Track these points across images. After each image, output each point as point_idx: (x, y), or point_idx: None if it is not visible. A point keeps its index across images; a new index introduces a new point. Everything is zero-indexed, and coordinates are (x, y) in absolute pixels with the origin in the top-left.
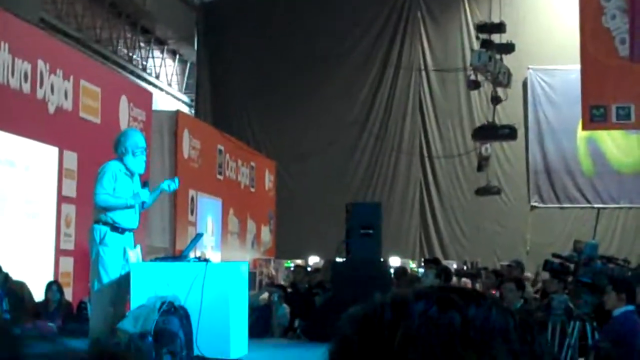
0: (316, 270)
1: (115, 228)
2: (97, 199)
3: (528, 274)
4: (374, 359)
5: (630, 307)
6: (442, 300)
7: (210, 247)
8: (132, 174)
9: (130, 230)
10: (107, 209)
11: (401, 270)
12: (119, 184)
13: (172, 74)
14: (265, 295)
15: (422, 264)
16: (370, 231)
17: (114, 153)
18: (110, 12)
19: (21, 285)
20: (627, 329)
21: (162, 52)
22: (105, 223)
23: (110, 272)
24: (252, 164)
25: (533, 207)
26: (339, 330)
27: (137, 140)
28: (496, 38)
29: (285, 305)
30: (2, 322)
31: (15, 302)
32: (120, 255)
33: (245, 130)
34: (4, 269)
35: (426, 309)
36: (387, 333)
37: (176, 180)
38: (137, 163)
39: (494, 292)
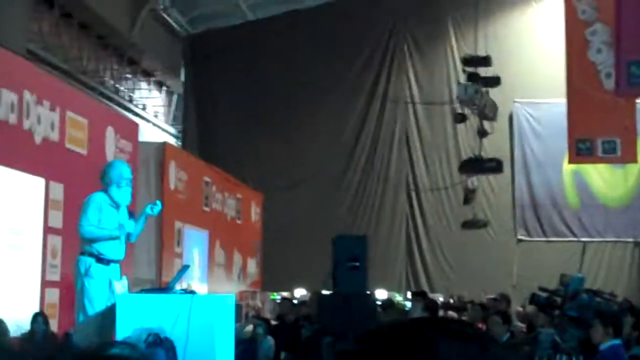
0: (302, 302)
1: (100, 259)
2: (81, 231)
3: (519, 307)
4: None
5: (617, 342)
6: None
7: (196, 279)
8: (117, 206)
9: (116, 261)
10: (92, 241)
11: (388, 303)
12: (104, 216)
13: (158, 106)
14: (250, 327)
15: (409, 296)
16: (357, 264)
17: (101, 184)
18: (97, 43)
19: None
20: None
21: (148, 84)
22: (91, 254)
23: (95, 304)
24: (239, 195)
25: (519, 241)
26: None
27: (122, 171)
28: (482, 71)
29: (269, 337)
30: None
31: None
32: (106, 287)
33: (232, 161)
34: None
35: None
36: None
37: (158, 203)
38: (122, 194)
39: (480, 325)
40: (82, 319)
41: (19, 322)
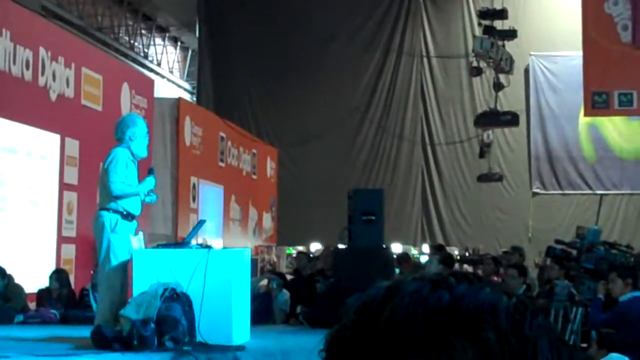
0: (317, 257)
1: (125, 216)
2: (113, 187)
3: (535, 260)
4: (364, 340)
5: (637, 293)
6: (435, 280)
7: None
8: (135, 160)
9: (136, 217)
10: (120, 197)
11: (404, 257)
12: (129, 171)
13: (173, 62)
14: (264, 281)
15: (424, 250)
16: (373, 218)
17: (116, 139)
18: None
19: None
20: (634, 314)
21: (163, 40)
22: (116, 211)
23: (121, 260)
24: (254, 151)
25: (535, 194)
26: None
27: (143, 125)
28: (498, 24)
29: (285, 291)
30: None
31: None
32: (129, 242)
33: (247, 116)
34: (8, 272)
35: (418, 288)
36: (376, 313)
37: (154, 196)
38: (142, 148)
39: (495, 278)
40: (108, 274)
41: (36, 278)
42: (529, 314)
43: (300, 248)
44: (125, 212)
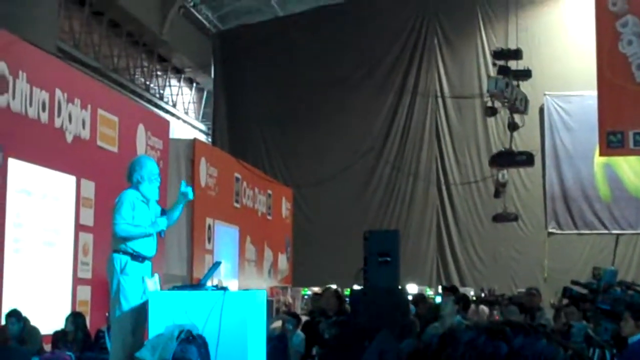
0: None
1: (135, 257)
2: (117, 229)
3: (551, 301)
4: None
5: None
6: (491, 330)
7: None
8: (147, 201)
9: (149, 258)
10: (127, 239)
11: (420, 297)
12: (137, 213)
13: (189, 102)
14: (279, 323)
15: (440, 291)
16: (388, 259)
17: (128, 182)
18: (127, 41)
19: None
20: None
21: (179, 81)
22: (125, 252)
23: (131, 301)
24: (269, 191)
25: (550, 234)
26: None
27: (151, 167)
28: (513, 64)
29: (300, 332)
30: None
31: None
32: (140, 284)
33: (262, 157)
34: (23, 314)
35: (474, 338)
36: None
37: (190, 190)
38: (153, 190)
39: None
40: (119, 317)
41: (51, 319)
42: None
43: (316, 289)
44: (135, 253)
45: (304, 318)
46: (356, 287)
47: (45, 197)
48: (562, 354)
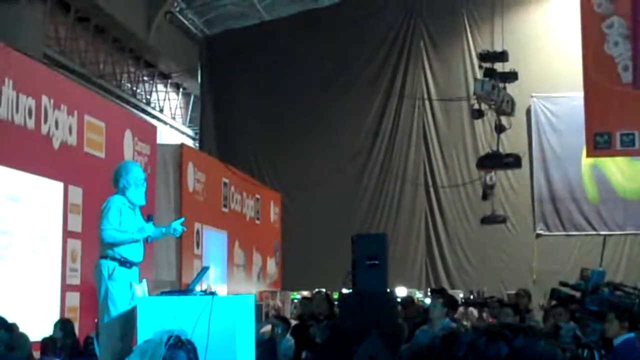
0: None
1: (123, 263)
2: (103, 235)
3: (539, 302)
4: None
5: (631, 335)
6: (490, 332)
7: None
8: (134, 207)
9: (136, 264)
10: (114, 245)
11: (409, 300)
12: (124, 218)
13: (176, 108)
14: (268, 327)
15: (429, 294)
16: (376, 262)
17: (114, 187)
18: (113, 47)
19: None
20: (628, 358)
21: (165, 86)
22: (113, 258)
23: (119, 307)
24: (257, 196)
25: (539, 235)
26: None
27: (137, 172)
28: (499, 67)
29: (289, 337)
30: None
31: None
32: (128, 290)
33: (250, 161)
34: (10, 320)
35: (474, 339)
36: None
37: (181, 228)
38: (139, 195)
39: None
40: (107, 323)
41: (40, 326)
42: None
43: (305, 293)
44: (122, 259)
45: (293, 322)
46: (345, 290)
47: (33, 204)
48: (561, 355)
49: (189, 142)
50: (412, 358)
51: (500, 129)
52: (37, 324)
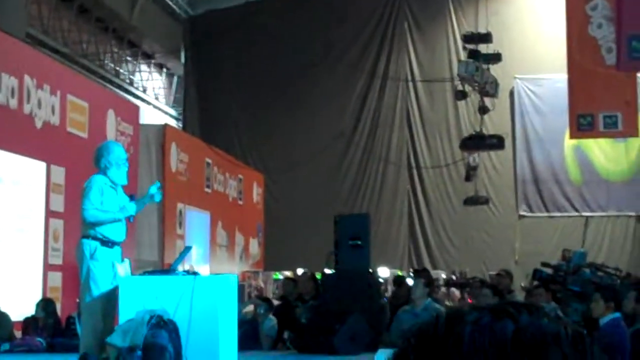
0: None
1: (105, 242)
2: (85, 214)
3: (522, 283)
4: None
5: (617, 315)
6: (495, 310)
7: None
8: (116, 186)
9: (118, 243)
10: (96, 224)
11: (401, 280)
12: (105, 198)
13: (159, 88)
14: (251, 307)
15: (411, 274)
16: (359, 242)
17: (96, 167)
18: (96, 26)
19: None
20: (615, 337)
21: (149, 66)
22: (95, 238)
23: (101, 287)
24: (240, 176)
25: (521, 217)
26: (397, 346)
27: (119, 152)
28: (483, 48)
29: (272, 317)
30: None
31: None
32: (110, 270)
33: (233, 142)
34: None
35: (479, 317)
36: (441, 341)
37: (159, 192)
38: (121, 175)
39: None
40: (89, 302)
41: (22, 306)
42: (588, 343)
43: (287, 273)
44: (104, 239)
45: (275, 302)
46: (327, 270)
47: (16, 184)
48: (563, 331)
49: (172, 123)
50: (419, 334)
51: (483, 110)
52: (19, 304)
